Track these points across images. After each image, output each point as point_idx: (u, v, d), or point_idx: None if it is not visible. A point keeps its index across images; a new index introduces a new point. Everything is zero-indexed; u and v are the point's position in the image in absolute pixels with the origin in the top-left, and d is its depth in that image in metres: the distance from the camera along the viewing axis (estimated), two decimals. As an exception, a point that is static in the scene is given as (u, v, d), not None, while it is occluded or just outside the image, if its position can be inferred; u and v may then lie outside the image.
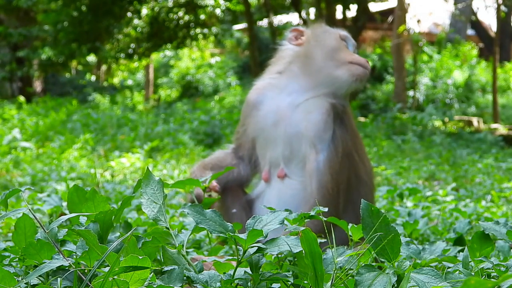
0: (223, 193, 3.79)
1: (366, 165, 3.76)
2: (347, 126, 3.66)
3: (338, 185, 3.57)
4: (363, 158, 3.75)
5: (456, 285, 2.04)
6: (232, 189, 3.82)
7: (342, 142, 3.61)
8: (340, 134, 3.62)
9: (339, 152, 3.59)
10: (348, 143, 3.63)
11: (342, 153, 3.60)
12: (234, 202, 3.80)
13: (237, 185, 3.85)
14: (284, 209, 2.27)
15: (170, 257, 2.24)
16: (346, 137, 3.64)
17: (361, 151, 3.76)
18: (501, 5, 19.64)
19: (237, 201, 3.81)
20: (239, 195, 3.83)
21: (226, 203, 3.80)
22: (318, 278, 1.96)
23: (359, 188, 3.70)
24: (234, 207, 3.77)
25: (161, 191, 2.29)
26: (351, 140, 3.66)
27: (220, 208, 3.81)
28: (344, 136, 3.63)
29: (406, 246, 2.66)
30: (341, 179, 3.58)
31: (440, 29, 28.37)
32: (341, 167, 3.59)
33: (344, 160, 3.60)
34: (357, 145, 3.72)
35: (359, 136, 3.83)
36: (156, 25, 21.84)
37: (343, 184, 3.59)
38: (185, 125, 14.89)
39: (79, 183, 7.31)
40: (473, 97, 23.71)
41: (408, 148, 13.34)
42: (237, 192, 3.83)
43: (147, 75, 27.80)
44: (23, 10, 22.80)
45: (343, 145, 3.61)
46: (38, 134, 12.96)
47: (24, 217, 2.27)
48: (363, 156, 3.75)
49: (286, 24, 27.42)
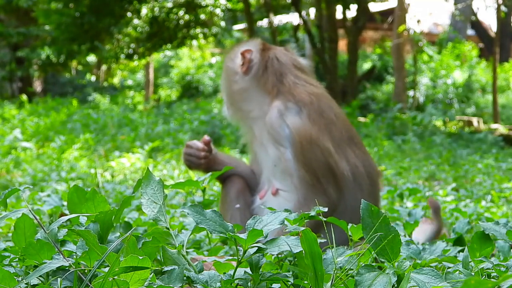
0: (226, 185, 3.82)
1: (346, 148, 3.68)
2: (306, 116, 3.60)
3: (316, 174, 3.55)
4: (340, 142, 3.66)
5: (456, 285, 2.04)
6: (236, 183, 3.83)
7: (300, 132, 3.57)
8: (294, 126, 3.58)
9: (302, 143, 3.56)
10: (309, 131, 3.57)
11: (306, 142, 3.56)
12: (238, 197, 3.80)
13: (243, 181, 3.85)
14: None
15: (170, 257, 2.24)
16: (305, 126, 3.58)
17: (339, 136, 3.66)
18: (501, 5, 19.63)
19: (241, 196, 3.81)
20: (244, 190, 3.83)
21: (229, 196, 3.80)
22: (318, 278, 1.96)
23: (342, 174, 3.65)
24: (238, 202, 3.78)
25: (161, 191, 2.29)
26: (315, 128, 3.59)
27: (223, 201, 3.81)
28: (301, 126, 3.58)
29: (406, 246, 2.66)
30: (316, 167, 3.55)
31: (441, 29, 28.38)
32: (310, 156, 3.56)
33: (312, 148, 3.56)
34: (332, 132, 3.64)
35: (339, 123, 3.70)
36: (156, 25, 21.83)
37: (322, 171, 3.56)
38: (185, 125, 14.89)
39: (79, 183, 7.30)
40: (473, 97, 23.71)
41: (408, 148, 13.35)
42: (242, 187, 3.83)
43: (147, 75, 27.79)
44: (23, 10, 22.78)
45: (303, 135, 3.56)
46: (38, 134, 12.96)
47: (24, 217, 2.27)
48: (341, 141, 3.67)
49: (286, 24, 27.42)
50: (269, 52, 3.78)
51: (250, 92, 3.76)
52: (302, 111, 3.61)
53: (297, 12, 20.30)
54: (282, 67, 3.74)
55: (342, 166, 3.61)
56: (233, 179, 3.86)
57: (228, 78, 3.83)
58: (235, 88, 3.79)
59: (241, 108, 3.81)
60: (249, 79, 3.75)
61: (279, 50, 3.83)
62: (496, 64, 18.89)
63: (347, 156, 3.65)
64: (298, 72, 3.78)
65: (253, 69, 3.74)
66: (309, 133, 3.57)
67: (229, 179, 3.86)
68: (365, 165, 3.69)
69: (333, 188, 3.57)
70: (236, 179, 3.85)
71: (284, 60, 3.77)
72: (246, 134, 3.90)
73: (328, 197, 3.55)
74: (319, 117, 3.62)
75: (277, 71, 3.73)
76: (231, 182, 3.84)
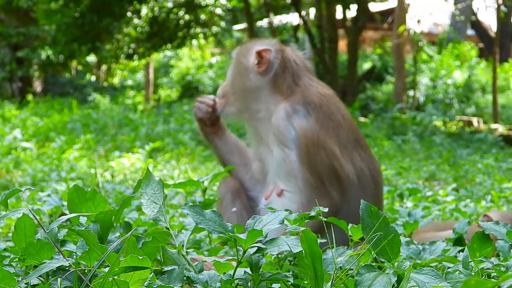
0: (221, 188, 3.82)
1: (352, 151, 3.67)
2: (314, 119, 3.59)
3: (321, 176, 3.54)
4: (346, 145, 3.66)
5: (456, 285, 2.04)
6: (231, 186, 3.83)
7: (307, 135, 3.55)
8: (301, 128, 3.56)
9: (308, 145, 3.54)
10: (317, 134, 3.56)
11: (312, 145, 3.55)
12: (234, 201, 3.80)
13: (238, 183, 3.85)
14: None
15: (170, 257, 2.24)
16: (313, 129, 3.56)
17: (346, 139, 3.66)
18: (501, 5, 19.63)
19: (238, 199, 3.81)
20: (239, 192, 3.83)
21: (225, 200, 3.80)
22: (318, 278, 1.96)
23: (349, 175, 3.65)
24: (234, 206, 3.78)
25: (161, 191, 2.29)
26: (323, 131, 3.58)
27: (219, 204, 3.82)
28: (308, 129, 3.56)
29: (406, 246, 2.66)
30: (321, 170, 3.54)
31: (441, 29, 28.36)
32: (315, 159, 3.54)
33: (318, 151, 3.55)
34: (339, 135, 3.63)
35: (346, 125, 3.70)
36: (156, 25, 21.83)
37: (327, 174, 3.55)
38: (185, 125, 14.89)
39: (79, 183, 7.30)
40: (473, 97, 23.71)
41: (408, 148, 13.35)
42: (237, 190, 3.83)
43: (147, 75, 27.79)
44: (23, 10, 22.78)
45: (310, 137, 3.55)
46: (39, 134, 12.96)
47: (24, 217, 2.27)
48: (347, 144, 3.66)
49: (286, 24, 27.40)
50: (284, 53, 3.74)
51: (262, 92, 3.72)
52: (310, 113, 3.58)
53: (297, 12, 20.29)
54: (299, 69, 3.72)
55: (347, 169, 3.59)
56: (227, 181, 3.85)
57: (240, 75, 3.79)
58: (247, 86, 3.74)
59: (249, 107, 3.76)
60: (265, 79, 3.70)
61: (291, 50, 3.80)
62: (496, 64, 18.89)
63: (353, 159, 3.64)
64: (310, 74, 3.78)
65: (271, 70, 3.70)
66: (316, 136, 3.55)
67: (224, 181, 3.86)
68: (370, 168, 3.69)
69: (336, 191, 3.56)
70: (230, 182, 3.84)
71: (299, 62, 3.76)
72: (250, 133, 3.89)
73: (331, 200, 3.54)
74: (327, 119, 3.60)
75: (295, 73, 3.70)
76: (226, 186, 3.83)
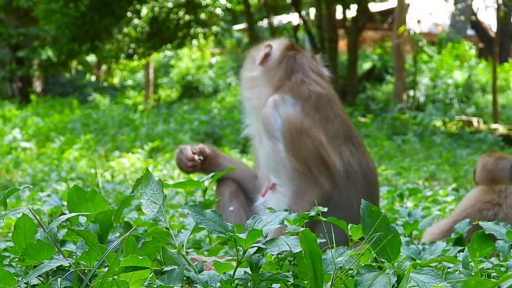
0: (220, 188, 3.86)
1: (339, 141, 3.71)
2: (300, 108, 3.68)
3: (307, 163, 3.59)
4: (334, 139, 3.70)
5: (456, 285, 2.04)
6: (229, 186, 3.86)
7: (290, 121, 3.65)
8: (286, 115, 3.66)
9: (291, 132, 3.63)
10: (300, 120, 3.64)
11: (295, 131, 3.63)
12: (232, 200, 3.82)
13: (236, 184, 3.88)
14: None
15: (170, 257, 2.24)
16: (297, 116, 3.66)
17: (334, 133, 3.70)
18: (501, 5, 19.63)
19: (235, 198, 3.83)
20: (238, 193, 3.86)
21: (222, 199, 3.83)
22: (318, 278, 1.96)
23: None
24: (231, 205, 3.81)
25: (161, 191, 2.29)
26: (308, 119, 3.66)
27: (217, 203, 3.84)
28: (292, 116, 3.66)
29: (406, 246, 2.66)
30: (307, 157, 3.60)
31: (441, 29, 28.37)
32: (300, 145, 3.62)
33: (302, 137, 3.62)
34: (326, 128, 3.69)
35: (337, 122, 3.74)
36: (156, 25, 21.82)
37: (313, 160, 3.60)
38: (185, 125, 14.88)
39: (79, 183, 7.30)
40: (473, 97, 23.70)
41: (408, 148, 13.34)
42: (236, 190, 3.87)
43: (147, 75, 27.78)
44: (23, 10, 22.78)
45: (293, 124, 3.64)
46: (39, 134, 12.96)
47: (24, 217, 2.27)
48: (335, 138, 3.70)
49: (286, 24, 27.40)
50: (290, 51, 3.89)
51: (257, 82, 3.88)
52: (297, 103, 3.69)
53: (297, 12, 20.30)
54: (295, 66, 3.83)
55: (334, 159, 3.64)
56: (226, 182, 3.89)
57: (247, 65, 4.01)
58: (247, 75, 3.96)
59: (245, 95, 3.97)
60: (261, 69, 3.87)
61: (303, 53, 3.92)
62: (496, 64, 18.89)
63: (341, 153, 3.68)
64: (311, 74, 3.82)
65: (268, 62, 3.86)
66: (299, 123, 3.64)
67: (223, 182, 3.90)
68: (361, 165, 3.70)
69: (326, 179, 3.60)
70: (229, 182, 3.88)
71: (301, 61, 3.86)
72: (251, 128, 3.97)
73: (321, 187, 3.58)
74: (314, 111, 3.69)
75: (289, 68, 3.82)
76: (224, 185, 3.88)
